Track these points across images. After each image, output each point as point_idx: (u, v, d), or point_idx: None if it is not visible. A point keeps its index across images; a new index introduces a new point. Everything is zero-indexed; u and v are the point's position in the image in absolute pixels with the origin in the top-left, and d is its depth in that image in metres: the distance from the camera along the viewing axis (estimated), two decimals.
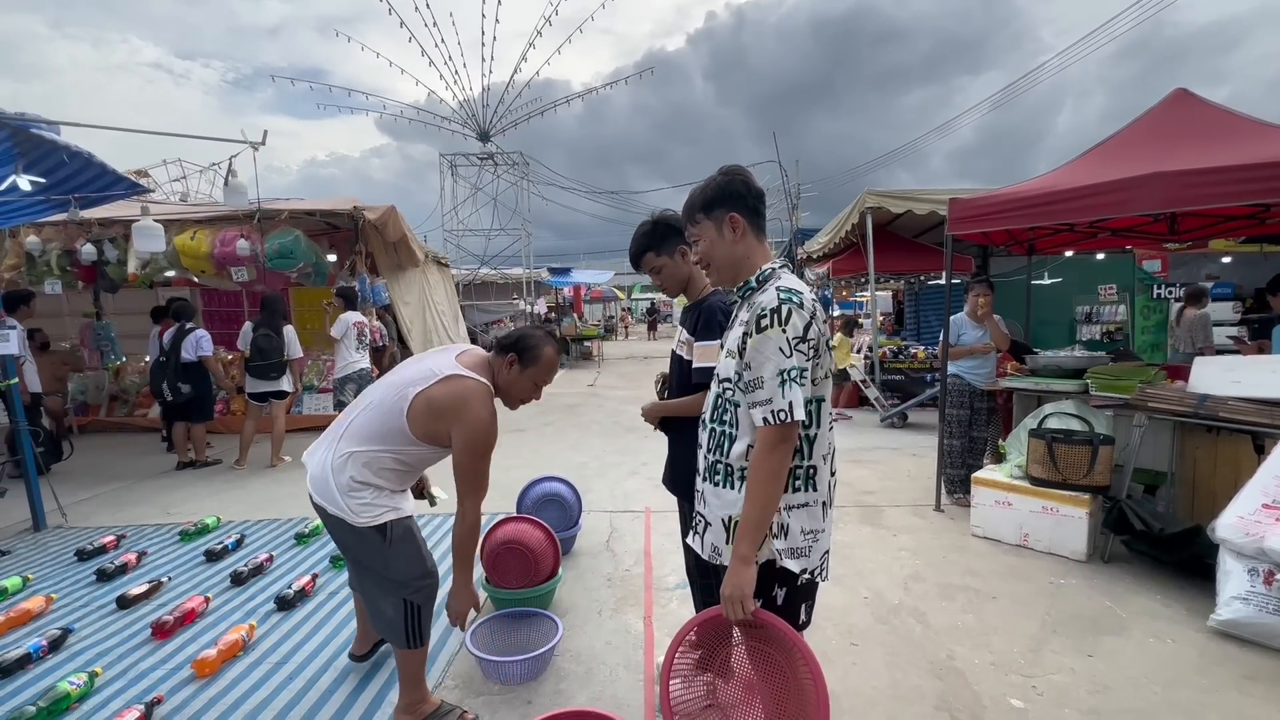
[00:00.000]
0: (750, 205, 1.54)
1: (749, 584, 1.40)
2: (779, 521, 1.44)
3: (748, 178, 1.56)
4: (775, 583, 1.48)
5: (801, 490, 1.46)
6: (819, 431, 1.46)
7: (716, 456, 1.54)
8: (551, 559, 2.88)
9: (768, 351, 1.37)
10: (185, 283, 8.72)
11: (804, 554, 1.47)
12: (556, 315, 18.06)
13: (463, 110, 15.27)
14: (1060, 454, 3.36)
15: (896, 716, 2.14)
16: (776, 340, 1.36)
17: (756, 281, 1.52)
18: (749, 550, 1.40)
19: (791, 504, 1.45)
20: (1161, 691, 2.25)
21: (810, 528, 1.47)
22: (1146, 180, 3.23)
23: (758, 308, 1.42)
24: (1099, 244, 5.61)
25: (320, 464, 1.95)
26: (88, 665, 2.48)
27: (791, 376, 1.35)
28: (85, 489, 5.15)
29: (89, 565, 3.52)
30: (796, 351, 1.36)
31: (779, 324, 1.37)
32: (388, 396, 1.94)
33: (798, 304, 1.39)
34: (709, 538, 1.57)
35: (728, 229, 1.54)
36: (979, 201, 4.00)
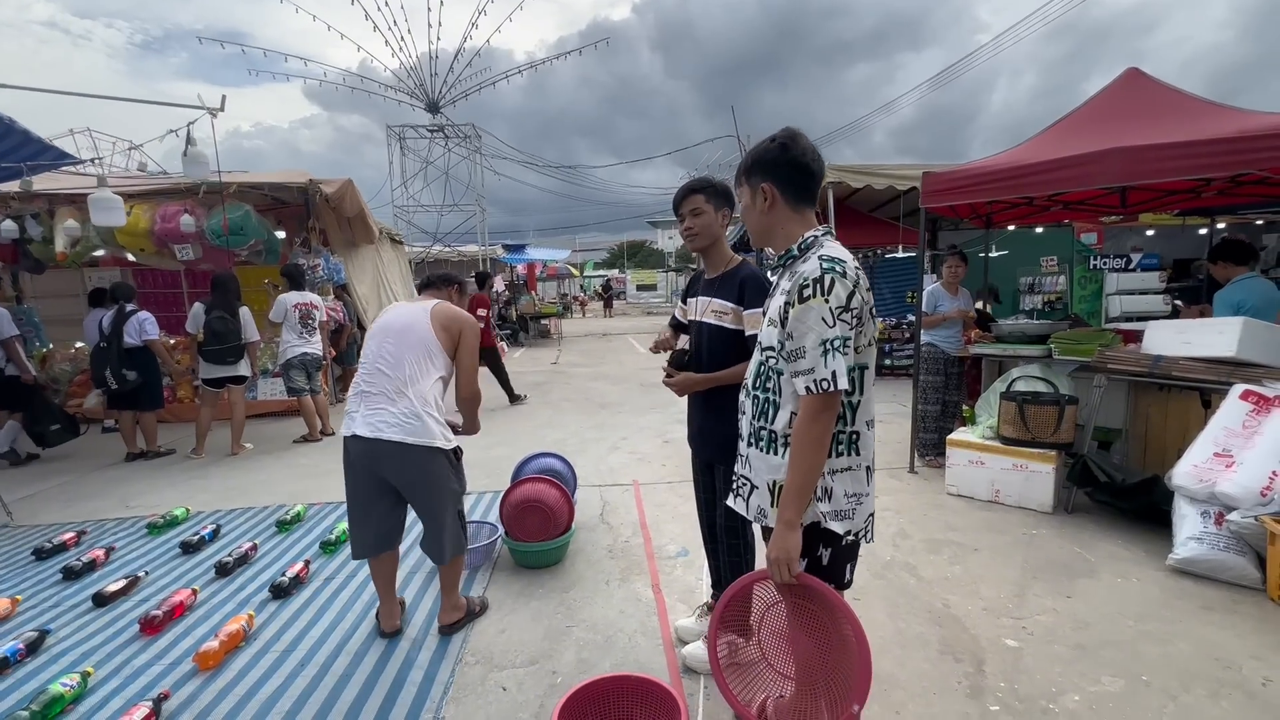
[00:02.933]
0: (785, 175, 1.52)
1: (795, 548, 1.44)
2: (823, 485, 1.47)
3: (791, 146, 1.52)
4: (820, 543, 1.52)
5: (845, 455, 1.49)
6: (863, 398, 1.48)
7: (761, 423, 1.57)
8: (567, 514, 3.09)
9: (810, 321, 1.38)
10: (117, 262, 8.11)
11: (848, 516, 1.50)
12: (512, 293, 17.74)
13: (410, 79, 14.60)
14: (1030, 414, 3.58)
15: (905, 662, 2.28)
16: (819, 310, 1.37)
17: (798, 249, 1.51)
18: (795, 515, 1.43)
19: (836, 468, 1.48)
20: (1134, 624, 2.47)
21: (854, 491, 1.50)
22: (1109, 154, 3.42)
23: (800, 277, 1.42)
24: (1051, 217, 5.92)
25: (406, 412, 2.31)
26: (75, 666, 2.35)
27: (835, 346, 1.36)
28: (26, 485, 4.78)
29: (50, 564, 3.30)
30: (840, 321, 1.37)
31: (822, 293, 1.37)
32: (406, 338, 2.40)
33: (840, 273, 1.39)
34: (755, 500, 1.60)
35: (760, 197, 1.55)
36: (952, 175, 4.15)
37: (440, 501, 2.40)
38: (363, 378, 2.40)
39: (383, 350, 2.38)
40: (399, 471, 2.35)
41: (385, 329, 2.43)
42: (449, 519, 2.42)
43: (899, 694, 2.11)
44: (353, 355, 8.54)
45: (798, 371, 1.41)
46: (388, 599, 2.53)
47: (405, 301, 2.54)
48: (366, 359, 2.42)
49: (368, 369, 2.40)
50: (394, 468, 2.34)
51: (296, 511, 3.82)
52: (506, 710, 2.08)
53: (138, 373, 5.19)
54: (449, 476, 2.43)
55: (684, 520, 3.57)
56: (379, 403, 2.33)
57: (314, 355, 5.87)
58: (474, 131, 14.43)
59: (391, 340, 2.38)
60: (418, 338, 2.39)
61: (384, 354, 2.38)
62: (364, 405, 2.35)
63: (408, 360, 2.36)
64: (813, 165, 1.53)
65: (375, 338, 2.44)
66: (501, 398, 7.52)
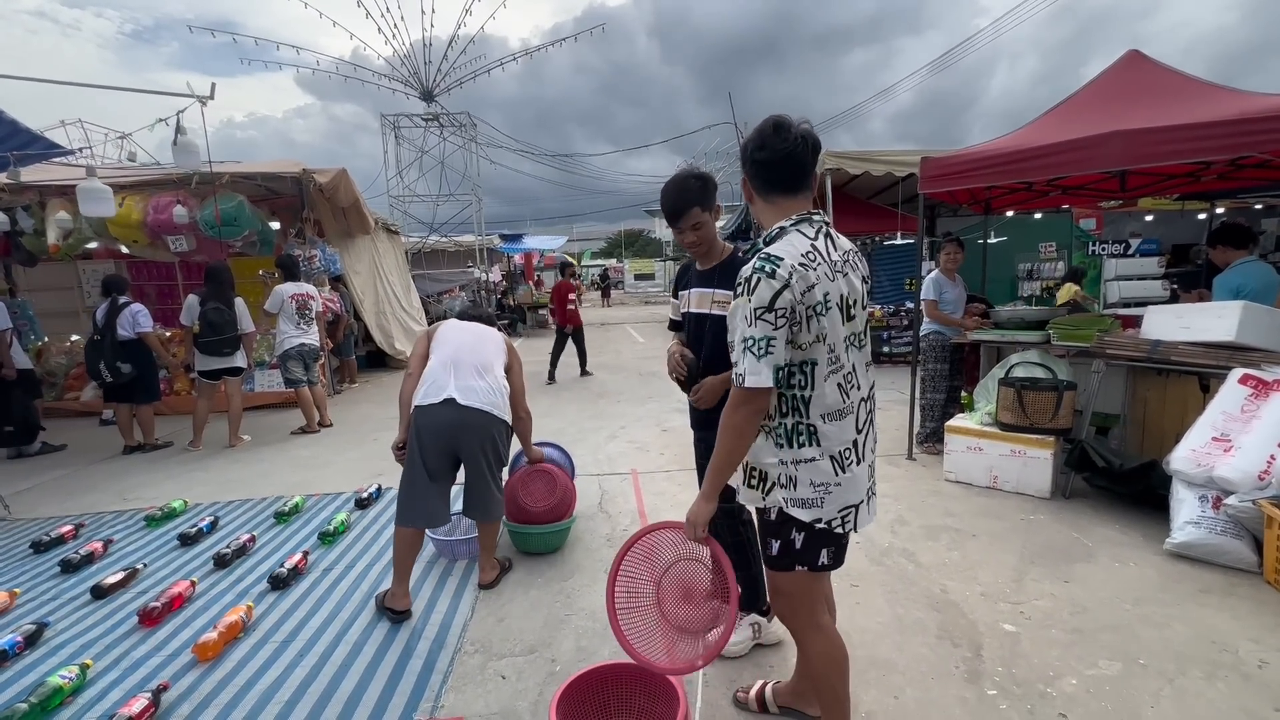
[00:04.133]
0: (750, 169, 1.52)
1: (705, 515, 1.58)
2: (786, 474, 1.52)
3: (757, 133, 1.49)
4: (794, 528, 1.55)
5: (806, 446, 1.50)
6: (814, 393, 1.47)
7: None
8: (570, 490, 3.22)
9: (735, 319, 1.44)
10: (111, 254, 8.05)
11: (814, 504, 1.52)
12: (509, 284, 17.68)
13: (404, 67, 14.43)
14: (1029, 400, 3.58)
15: (904, 646, 2.29)
16: (742, 309, 1.40)
17: (764, 243, 1.50)
18: (710, 489, 1.56)
19: (799, 459, 1.51)
20: (1132, 608, 2.48)
21: (820, 481, 1.50)
22: (1108, 138, 3.39)
23: (740, 273, 1.44)
24: (1049, 202, 5.89)
25: (491, 388, 2.70)
26: (74, 658, 2.35)
27: (749, 345, 1.38)
28: (24, 478, 4.78)
29: (48, 557, 3.29)
30: (760, 321, 1.37)
31: (747, 293, 1.39)
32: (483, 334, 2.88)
33: (768, 273, 1.37)
34: (736, 477, 1.65)
35: (744, 189, 1.59)
36: (951, 160, 4.12)
37: (497, 467, 2.79)
38: (448, 357, 2.70)
39: (463, 341, 2.79)
40: (478, 437, 2.66)
41: (460, 328, 2.88)
42: (495, 488, 2.80)
43: (897, 678, 2.11)
44: (349, 347, 8.52)
45: (734, 362, 1.46)
46: (404, 579, 2.60)
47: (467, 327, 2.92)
48: (447, 347, 2.75)
49: (451, 355, 2.71)
50: (474, 435, 2.65)
51: (295, 503, 3.82)
52: (506, 698, 2.08)
53: (132, 365, 5.16)
54: (507, 448, 2.87)
55: (683, 508, 3.51)
56: (468, 378, 2.65)
57: (311, 346, 5.85)
58: (469, 120, 14.30)
59: (470, 335, 2.84)
60: (491, 338, 2.89)
61: (464, 343, 2.78)
62: (455, 378, 2.63)
63: (486, 350, 2.81)
64: (771, 153, 1.47)
65: (452, 331, 2.85)
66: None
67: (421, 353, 2.78)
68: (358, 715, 2.02)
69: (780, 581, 1.67)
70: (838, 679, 1.67)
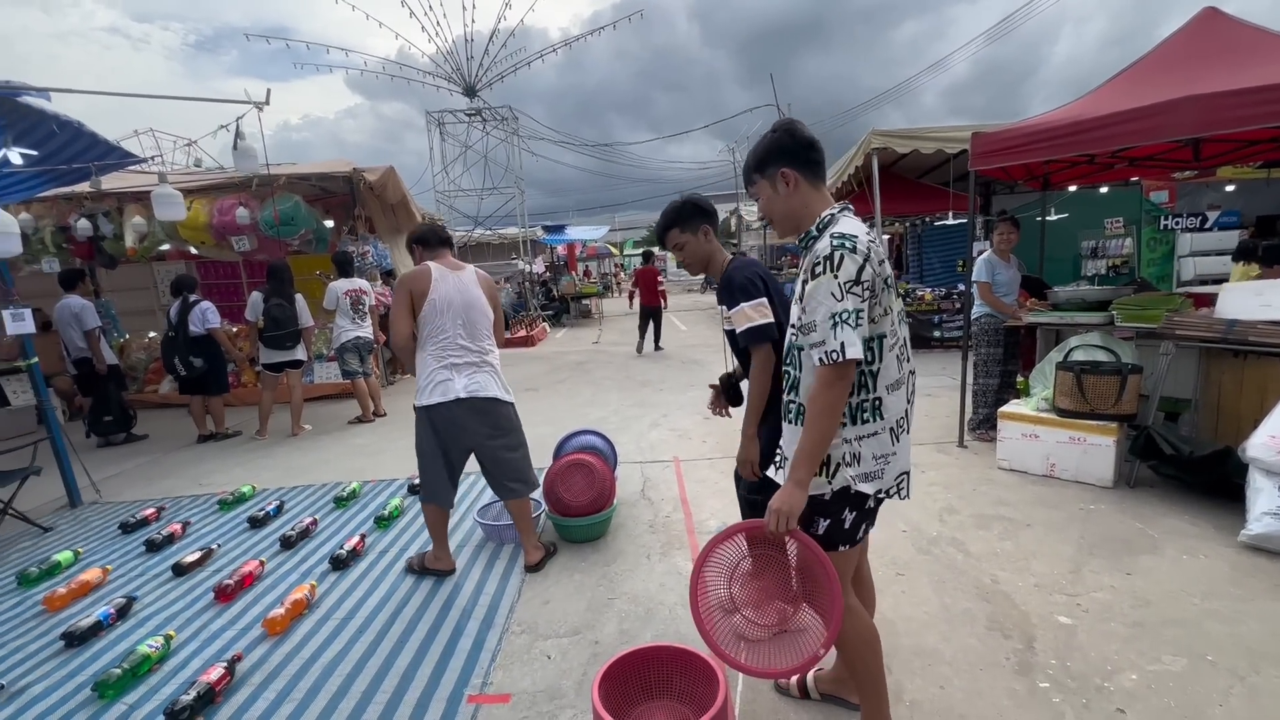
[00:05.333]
0: (801, 156, 1.57)
1: (799, 505, 1.50)
2: (851, 451, 1.53)
3: (795, 129, 1.59)
4: (847, 507, 1.57)
5: (871, 421, 1.54)
6: (882, 365, 1.52)
7: (790, 397, 1.65)
8: (609, 480, 3.20)
9: (820, 296, 1.44)
10: (181, 255, 8.56)
11: (877, 476, 1.56)
12: (553, 274, 17.89)
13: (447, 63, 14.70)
14: (1089, 385, 3.41)
15: (951, 637, 2.24)
16: (828, 285, 1.43)
17: (816, 229, 1.56)
18: (805, 476, 1.50)
19: (863, 434, 1.54)
20: (1200, 602, 2.36)
21: (880, 453, 1.55)
22: (1179, 104, 3.17)
23: (814, 255, 1.48)
24: (1112, 176, 5.55)
25: (489, 378, 2.81)
26: (159, 630, 2.55)
27: (843, 319, 1.41)
28: (112, 465, 5.17)
29: (135, 537, 3.57)
30: (849, 294, 1.42)
31: (831, 270, 1.43)
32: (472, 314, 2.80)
33: (850, 249, 1.43)
34: (784, 471, 1.64)
35: (781, 184, 1.59)
36: (1003, 135, 3.93)
37: (514, 444, 2.94)
38: (449, 353, 2.75)
39: (458, 328, 2.77)
40: (492, 423, 2.84)
41: (451, 307, 2.75)
42: (521, 462, 2.95)
43: (944, 669, 2.08)
44: None
45: (811, 344, 1.48)
46: (444, 542, 2.92)
47: (444, 270, 2.78)
48: (444, 337, 2.75)
49: (449, 345, 2.75)
50: (488, 421, 2.82)
51: (352, 489, 4.01)
52: (551, 677, 2.15)
53: (203, 360, 5.50)
54: (518, 424, 2.99)
55: (724, 496, 3.57)
56: (470, 372, 2.78)
57: (366, 339, 6.09)
58: (510, 114, 14.47)
59: (462, 318, 2.77)
60: (480, 312, 2.84)
61: (460, 332, 2.77)
62: (458, 375, 2.74)
63: (481, 333, 2.84)
64: (818, 143, 1.60)
65: (445, 314, 2.74)
66: (536, 378, 7.68)
67: (407, 311, 2.69)
68: (413, 688, 2.13)
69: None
70: (873, 658, 1.69)
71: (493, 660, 2.26)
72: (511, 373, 2.70)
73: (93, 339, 5.49)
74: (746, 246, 21.87)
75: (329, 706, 2.06)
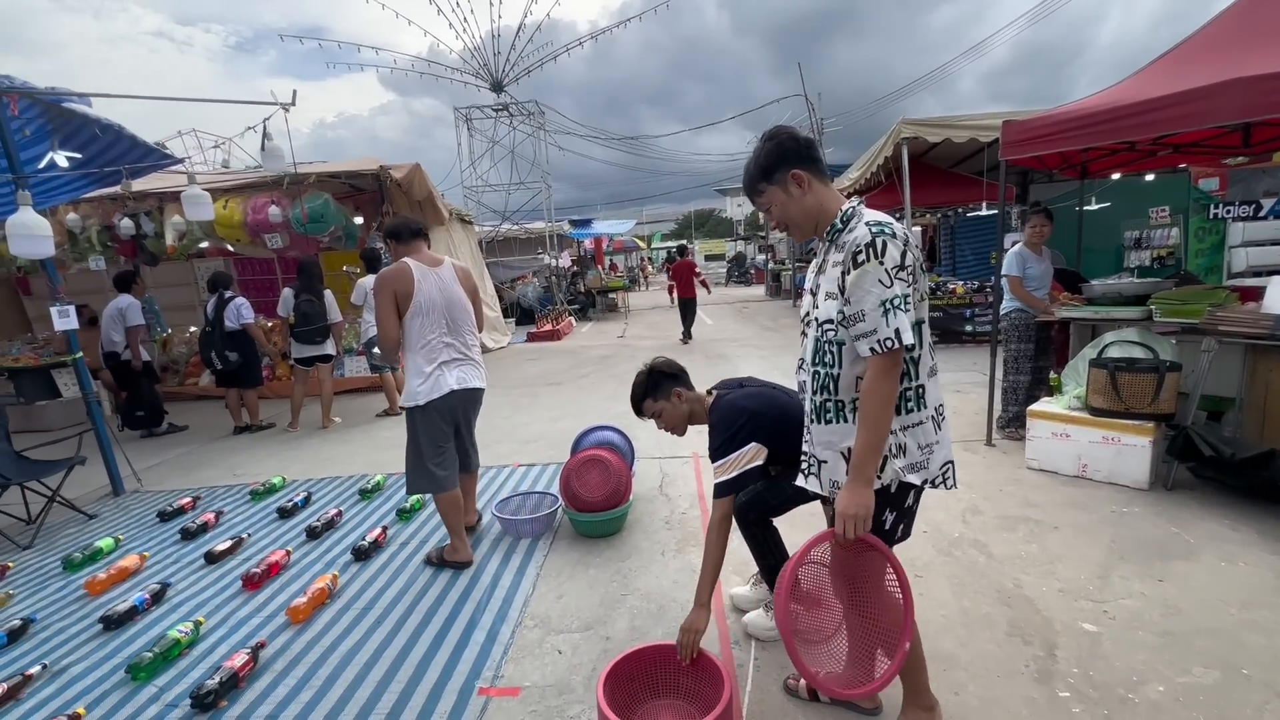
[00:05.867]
0: (805, 156, 1.56)
1: (870, 504, 1.47)
2: (896, 442, 1.51)
3: (793, 132, 1.58)
4: (888, 506, 1.56)
5: (915, 410, 1.53)
6: (922, 351, 1.53)
7: (825, 396, 1.59)
8: (625, 475, 3.21)
9: (867, 285, 1.42)
10: (219, 253, 8.83)
11: (923, 466, 1.55)
12: (580, 268, 17.95)
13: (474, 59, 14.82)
14: (1123, 383, 3.28)
15: (969, 642, 2.19)
16: (875, 273, 1.41)
17: (841, 222, 1.54)
18: (872, 472, 1.47)
19: (907, 424, 1.52)
20: (1237, 612, 2.25)
21: (925, 442, 1.54)
22: (1227, 87, 3.00)
23: (852, 245, 1.45)
24: (1156, 163, 5.30)
25: (473, 370, 3.01)
26: (190, 615, 2.66)
27: (895, 305, 1.40)
28: (154, 455, 5.39)
29: (172, 525, 3.72)
30: (897, 280, 1.41)
31: (875, 256, 1.41)
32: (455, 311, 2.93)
33: (890, 234, 1.43)
34: (826, 474, 1.63)
35: (794, 187, 1.56)
36: (1036, 122, 3.78)
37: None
38: (437, 355, 2.89)
39: (441, 331, 2.90)
40: (475, 407, 3.14)
41: (434, 308, 2.86)
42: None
43: (959, 674, 2.03)
44: None
45: (860, 334, 1.44)
46: (463, 535, 3.01)
47: (424, 269, 2.86)
48: (431, 339, 2.87)
49: (435, 348, 2.88)
50: (473, 406, 3.12)
51: (377, 481, 4.10)
52: (561, 672, 2.17)
53: (238, 354, 5.69)
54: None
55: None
56: (458, 365, 2.95)
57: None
58: (537, 108, 14.53)
59: (445, 317, 2.90)
60: (462, 309, 2.98)
61: (444, 332, 2.90)
62: (447, 370, 2.91)
63: (464, 329, 3.00)
64: (815, 141, 1.63)
65: (430, 316, 2.85)
66: (560, 373, 7.72)
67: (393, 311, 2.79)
68: (427, 678, 2.17)
69: None
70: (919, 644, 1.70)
71: (505, 653, 2.29)
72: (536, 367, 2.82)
73: (133, 336, 5.72)
74: (775, 239, 21.61)
75: (346, 694, 2.12)
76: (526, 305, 14.54)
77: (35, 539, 3.65)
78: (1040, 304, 4.11)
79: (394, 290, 2.76)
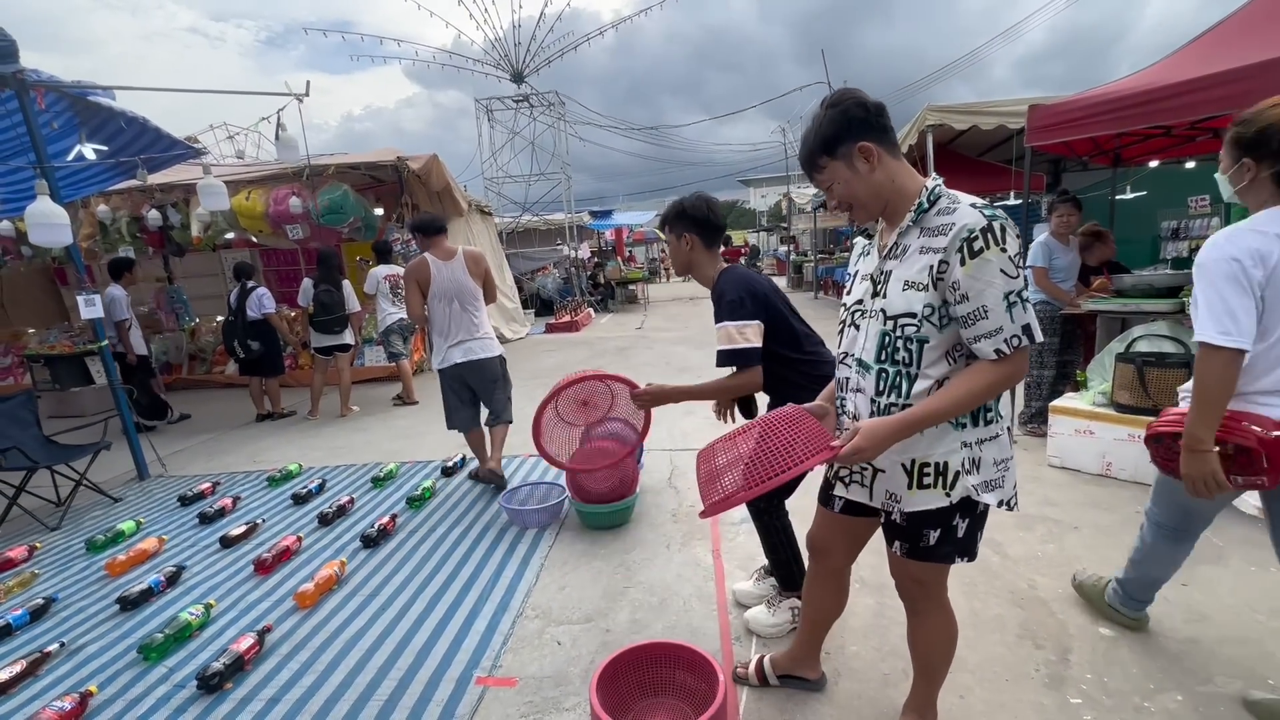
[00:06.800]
0: (875, 125, 1.34)
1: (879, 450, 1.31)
2: (971, 456, 1.37)
3: (861, 98, 1.35)
4: (957, 514, 1.42)
5: (994, 421, 1.39)
6: None
7: (891, 399, 1.40)
8: (632, 465, 3.21)
9: (988, 276, 1.24)
10: (244, 244, 9.01)
11: (998, 485, 1.41)
12: (600, 259, 17.94)
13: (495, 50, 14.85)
14: (1151, 378, 3.15)
15: (978, 644, 2.12)
16: (998, 262, 1.23)
17: (928, 201, 1.34)
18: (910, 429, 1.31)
19: (984, 437, 1.38)
20: (1265, 620, 2.15)
21: (1001, 457, 1.41)
22: (1267, 67, 2.85)
23: (962, 230, 1.25)
24: (1194, 149, 5.08)
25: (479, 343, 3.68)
26: (202, 598, 2.71)
27: (1023, 298, 1.26)
28: (178, 441, 5.53)
29: (191, 510, 3.80)
30: (1021, 270, 1.27)
31: (997, 243, 1.23)
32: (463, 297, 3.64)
33: (1005, 217, 1.26)
34: (881, 485, 1.49)
35: (860, 162, 1.35)
36: (1063, 106, 3.64)
37: (505, 383, 3.88)
38: (447, 335, 3.64)
39: (451, 314, 3.64)
40: (488, 373, 3.71)
41: (445, 296, 3.61)
42: (509, 392, 3.92)
43: (965, 677, 1.97)
44: None
45: (980, 335, 1.27)
46: (484, 454, 3.81)
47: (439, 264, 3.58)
48: (443, 322, 3.64)
49: (446, 329, 3.64)
50: (486, 373, 3.70)
51: (390, 469, 4.15)
52: (559, 663, 2.16)
53: (260, 343, 5.80)
54: (506, 370, 3.91)
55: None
56: (462, 343, 3.64)
57: (409, 320, 6.28)
58: (557, 99, 14.51)
59: (455, 303, 3.63)
60: (470, 295, 3.66)
61: (453, 315, 3.64)
62: (456, 349, 3.64)
63: (470, 310, 3.67)
64: (885, 106, 1.38)
65: (441, 304, 3.62)
66: (576, 364, 7.72)
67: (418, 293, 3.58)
68: (426, 666, 2.18)
69: (921, 571, 1.52)
70: (951, 653, 1.66)
71: (504, 643, 2.29)
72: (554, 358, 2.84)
73: (122, 330, 5.67)
74: (797, 230, 21.32)
75: (347, 679, 2.14)
76: (546, 296, 14.58)
77: (63, 521, 3.77)
78: (1066, 296, 3.96)
79: (416, 280, 3.56)
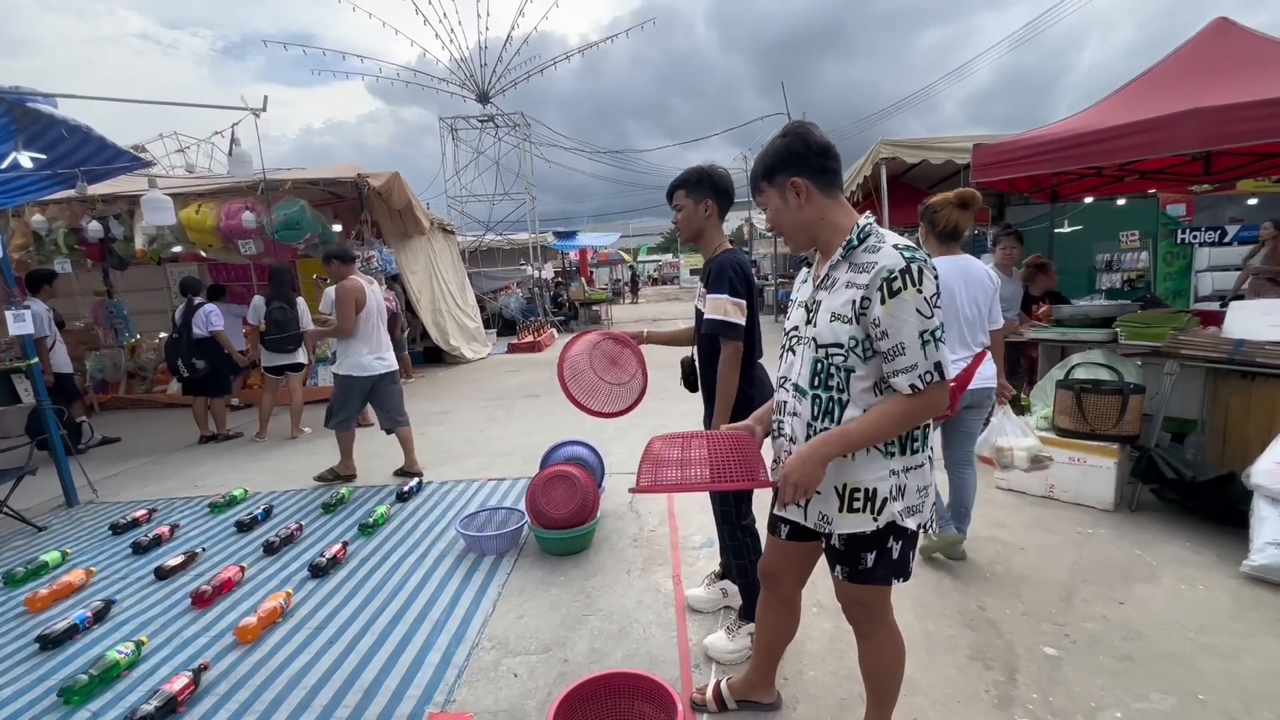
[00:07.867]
0: (814, 164, 1.43)
1: (816, 481, 1.40)
2: (897, 484, 1.44)
3: (808, 135, 1.44)
4: (892, 536, 1.48)
5: (919, 450, 1.46)
6: None
7: (825, 424, 1.46)
8: (593, 492, 3.17)
9: (904, 315, 1.31)
10: (193, 258, 8.68)
11: (919, 510, 1.49)
12: (563, 280, 17.94)
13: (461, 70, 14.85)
14: (1089, 404, 3.31)
15: (930, 666, 2.16)
16: (914, 302, 1.31)
17: (857, 239, 1.41)
18: (834, 453, 1.39)
19: (910, 466, 1.45)
20: (1195, 636, 2.26)
21: (923, 485, 1.48)
22: (1184, 117, 3.09)
23: (882, 271, 1.32)
24: (1124, 188, 5.44)
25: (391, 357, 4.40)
26: (133, 635, 2.55)
27: (937, 336, 1.33)
28: (112, 464, 5.23)
29: (124, 539, 3.59)
30: (936, 311, 1.33)
31: (913, 284, 1.31)
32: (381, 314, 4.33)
33: (924, 260, 1.33)
34: (815, 506, 1.53)
35: (790, 195, 1.45)
36: (1005, 146, 3.86)
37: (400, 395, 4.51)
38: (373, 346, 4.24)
39: (376, 330, 4.28)
40: (391, 381, 4.39)
41: (374, 315, 4.25)
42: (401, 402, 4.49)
43: (919, 700, 2.00)
44: (403, 343, 8.85)
45: (898, 370, 1.34)
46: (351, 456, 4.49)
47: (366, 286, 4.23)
48: (371, 336, 4.23)
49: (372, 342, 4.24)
50: (391, 382, 4.40)
51: (341, 494, 4.01)
52: (515, 696, 2.11)
53: (205, 361, 5.56)
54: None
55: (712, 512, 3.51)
56: (380, 355, 4.30)
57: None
58: (523, 120, 14.57)
59: (378, 321, 4.29)
60: (384, 316, 4.35)
61: (378, 331, 4.30)
62: (378, 361, 4.28)
63: (384, 328, 4.36)
64: (833, 148, 1.46)
65: (371, 321, 4.23)
66: (538, 384, 7.65)
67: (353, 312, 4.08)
68: (376, 702, 2.10)
69: (862, 594, 1.56)
70: (900, 674, 1.69)
71: (459, 676, 2.22)
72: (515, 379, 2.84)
73: (41, 348, 5.05)
74: (758, 255, 21.79)
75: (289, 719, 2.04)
76: (509, 316, 14.47)
77: None
78: (1009, 324, 4.15)
79: (356, 298, 3.98)
